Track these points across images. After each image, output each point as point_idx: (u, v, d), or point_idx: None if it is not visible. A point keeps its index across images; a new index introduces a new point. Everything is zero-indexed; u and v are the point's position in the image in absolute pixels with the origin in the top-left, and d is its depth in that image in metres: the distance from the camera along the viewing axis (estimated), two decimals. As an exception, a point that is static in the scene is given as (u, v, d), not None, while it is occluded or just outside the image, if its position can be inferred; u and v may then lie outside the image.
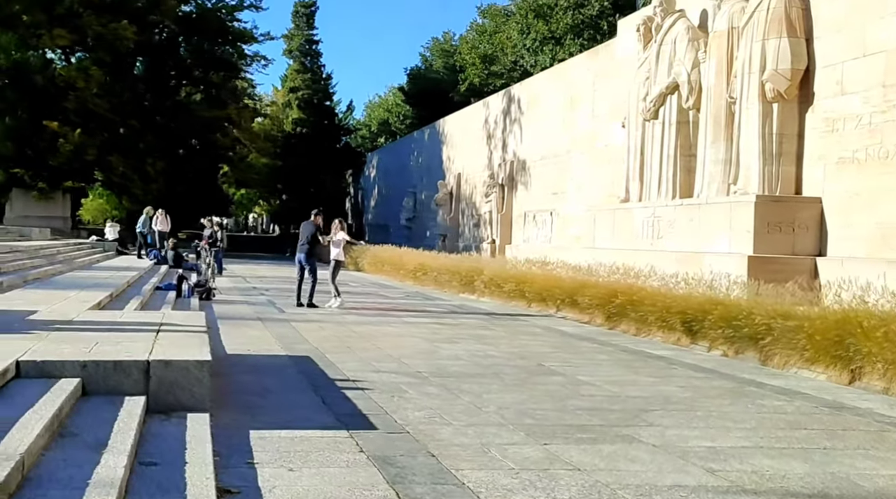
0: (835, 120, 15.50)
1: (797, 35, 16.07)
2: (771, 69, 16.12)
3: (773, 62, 16.15)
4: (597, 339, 11.44)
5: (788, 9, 16.07)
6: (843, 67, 15.39)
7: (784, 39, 16.06)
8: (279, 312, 13.76)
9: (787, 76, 15.99)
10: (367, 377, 7.38)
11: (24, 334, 6.25)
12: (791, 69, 15.95)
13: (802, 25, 16.07)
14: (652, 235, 19.23)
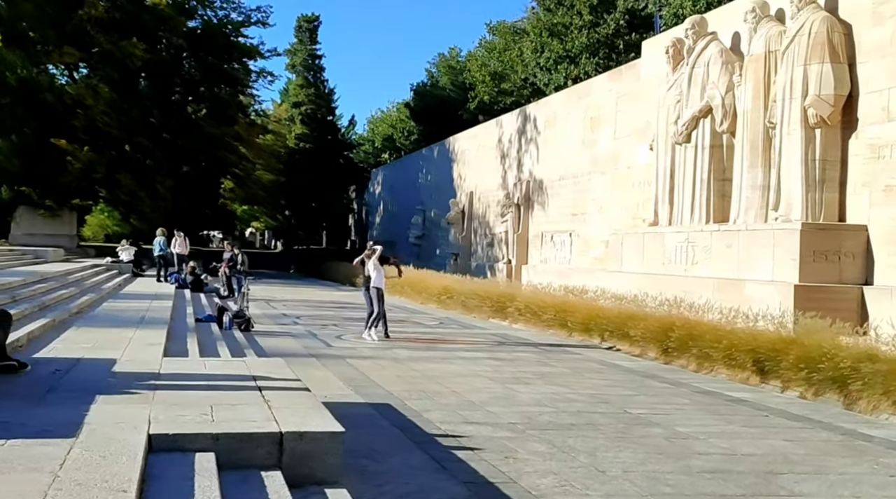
0: (881, 146, 15.30)
1: (840, 60, 15.91)
2: (814, 95, 15.95)
3: (815, 87, 15.98)
4: (662, 377, 11.14)
5: (830, 34, 15.93)
6: (889, 93, 15.23)
7: (827, 65, 15.90)
8: (326, 346, 13.41)
9: (830, 102, 15.82)
10: (464, 431, 7.06)
11: (127, 395, 5.92)
12: (834, 95, 15.79)
13: (845, 50, 15.93)
14: (686, 261, 18.98)
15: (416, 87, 52.35)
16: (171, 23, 41.94)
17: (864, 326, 12.57)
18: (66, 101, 37.38)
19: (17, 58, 36.26)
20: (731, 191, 18.53)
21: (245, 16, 44.28)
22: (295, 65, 60.37)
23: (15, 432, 4.66)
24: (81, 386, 6.26)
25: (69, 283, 15.97)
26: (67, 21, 37.86)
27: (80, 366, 7.17)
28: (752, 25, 17.87)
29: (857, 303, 15.12)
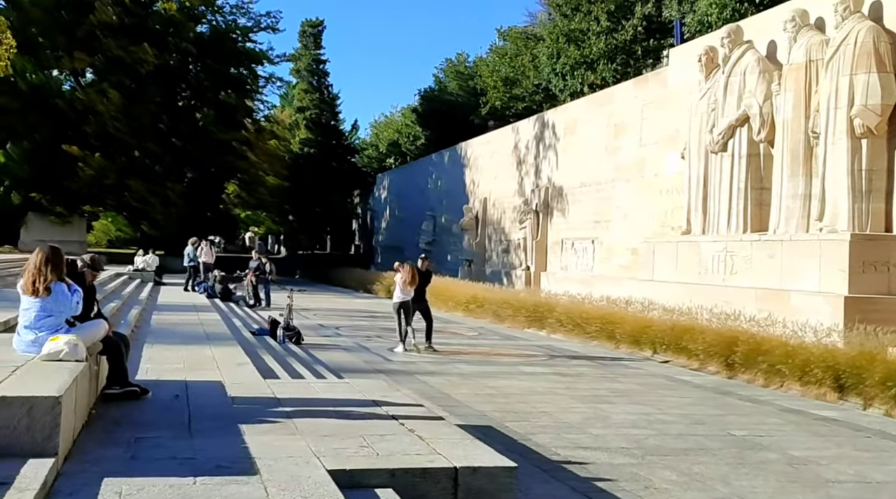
0: (931, 157, 15.29)
1: (886, 70, 15.88)
2: (860, 105, 15.90)
3: (861, 97, 15.94)
4: (736, 393, 11.06)
5: (877, 43, 15.89)
6: (938, 104, 15.21)
7: (873, 74, 15.86)
8: (384, 360, 13.25)
9: (877, 112, 15.79)
10: (583, 457, 6.94)
11: (268, 424, 5.80)
12: (881, 104, 15.76)
13: (891, 60, 15.89)
14: (724, 270, 18.91)
15: (424, 92, 52.20)
16: (180, 28, 41.75)
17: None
18: (77, 107, 37.12)
19: (28, 63, 35.99)
20: (769, 200, 18.48)
21: (255, 21, 44.08)
22: (299, 69, 60.06)
23: (194, 468, 4.53)
24: (214, 413, 6.12)
25: (109, 293, 15.75)
26: (78, 26, 37.64)
27: (193, 390, 7.01)
28: (792, 34, 17.79)
29: (907, 314, 15.03)
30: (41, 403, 4.48)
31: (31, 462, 4.24)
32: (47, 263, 6.16)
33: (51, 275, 6.15)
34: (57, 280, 6.18)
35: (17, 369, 5.35)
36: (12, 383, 4.81)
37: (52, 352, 5.74)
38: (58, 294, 6.14)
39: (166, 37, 42.05)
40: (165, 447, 5.06)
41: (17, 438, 4.42)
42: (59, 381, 4.92)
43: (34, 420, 4.45)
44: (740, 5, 24.28)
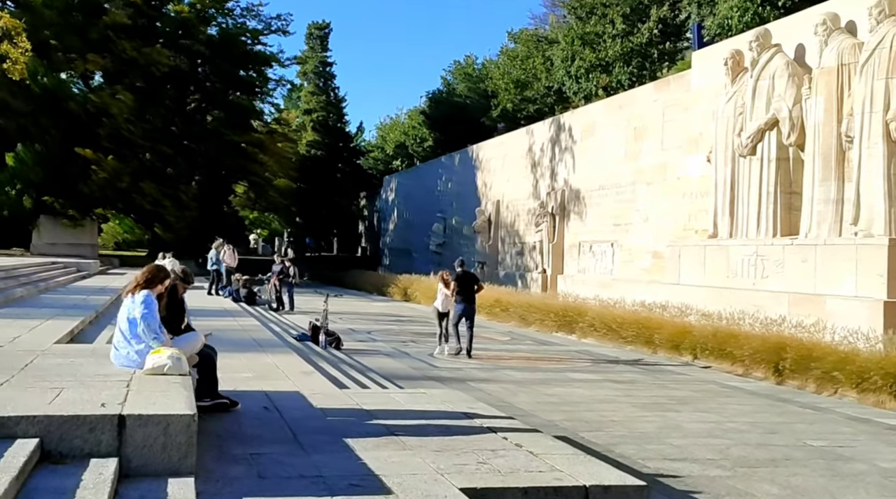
0: (968, 161, 15.24)
1: (923, 74, 15.82)
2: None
3: (898, 102, 15.88)
4: (792, 400, 11.02)
5: (914, 47, 15.83)
6: (976, 108, 15.16)
7: (910, 79, 15.80)
8: (431, 366, 13.17)
9: (914, 116, 15.72)
10: (673, 469, 6.86)
11: (372, 439, 5.73)
12: (918, 109, 15.69)
13: (928, 63, 15.82)
14: (755, 275, 18.84)
15: (433, 94, 52.11)
16: (190, 30, 41.66)
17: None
18: (90, 110, 36.97)
19: (40, 65, 35.83)
20: (799, 204, 18.41)
21: (265, 24, 43.97)
22: (306, 72, 59.99)
23: (328, 487, 4.46)
24: (313, 427, 6.06)
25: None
26: (91, 28, 37.49)
27: (277, 401, 6.94)
28: (823, 38, 17.72)
29: (946, 319, 14.97)
30: (177, 421, 4.41)
31: (172, 482, 4.17)
32: (143, 274, 6.13)
33: (142, 283, 6.10)
34: (144, 290, 6.12)
35: (129, 385, 5.26)
36: (138, 401, 4.73)
37: (157, 366, 5.67)
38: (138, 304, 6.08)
39: (177, 39, 41.99)
40: (286, 464, 4.98)
41: (153, 457, 4.35)
42: (181, 397, 4.85)
43: (170, 439, 4.38)
44: (762, 9, 24.23)
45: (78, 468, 4.05)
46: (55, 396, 4.77)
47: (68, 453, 4.22)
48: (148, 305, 6.04)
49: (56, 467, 4.08)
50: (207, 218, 42.11)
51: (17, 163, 37.13)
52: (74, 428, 4.26)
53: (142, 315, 5.96)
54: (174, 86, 42.25)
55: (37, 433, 4.19)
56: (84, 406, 4.50)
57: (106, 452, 4.26)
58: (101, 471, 4.01)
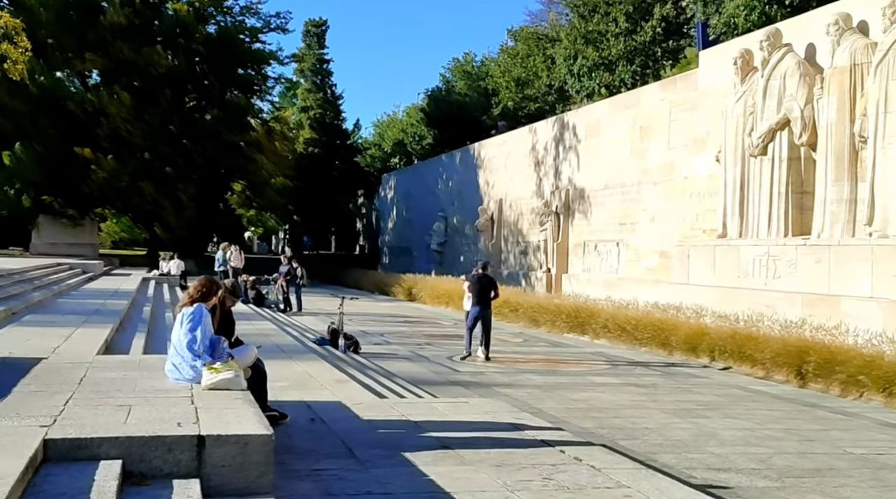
0: (984, 161, 15.26)
1: (937, 73, 15.83)
2: (910, 109, 15.86)
3: (912, 102, 15.89)
4: (819, 404, 11.02)
5: (928, 47, 15.85)
6: None
7: (924, 79, 15.82)
8: (450, 369, 13.14)
9: (928, 116, 15.74)
10: (722, 480, 6.83)
11: (430, 452, 5.67)
12: (932, 109, 15.71)
13: (942, 64, 15.84)
14: (766, 275, 18.85)
15: (432, 92, 52.01)
16: (189, 29, 41.47)
17: None
18: (89, 110, 36.78)
19: (38, 65, 35.60)
20: (811, 204, 18.41)
21: (264, 22, 43.80)
22: (303, 69, 59.79)
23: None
24: (366, 440, 6.01)
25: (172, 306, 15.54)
26: (88, 28, 37.28)
27: (321, 412, 6.89)
28: (835, 38, 17.69)
29: (962, 319, 15.01)
30: (255, 440, 4.36)
31: (254, 503, 4.11)
32: (196, 289, 6.08)
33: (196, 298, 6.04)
34: (198, 303, 6.06)
35: (193, 402, 5.20)
36: (211, 420, 4.66)
37: (217, 381, 5.60)
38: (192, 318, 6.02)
39: (175, 38, 41.80)
40: (350, 481, 4.94)
41: (230, 476, 4.30)
42: (249, 413, 4.79)
43: (247, 458, 4.33)
44: (769, 7, 24.21)
45: (163, 489, 4.00)
46: (126, 414, 4.71)
47: (148, 474, 4.17)
48: (202, 318, 5.98)
49: (140, 489, 4.03)
50: (206, 217, 41.99)
51: (15, 162, 36.92)
52: (154, 449, 4.21)
53: (195, 329, 5.91)
54: (172, 85, 42.01)
55: (118, 454, 4.13)
56: (160, 426, 4.44)
57: (185, 472, 4.21)
58: (188, 492, 3.95)
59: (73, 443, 4.11)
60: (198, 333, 5.89)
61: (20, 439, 4.02)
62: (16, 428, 4.25)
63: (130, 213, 42.87)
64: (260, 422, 4.59)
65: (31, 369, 6.13)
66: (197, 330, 5.90)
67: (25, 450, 3.83)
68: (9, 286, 13.35)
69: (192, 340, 5.88)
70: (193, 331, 5.91)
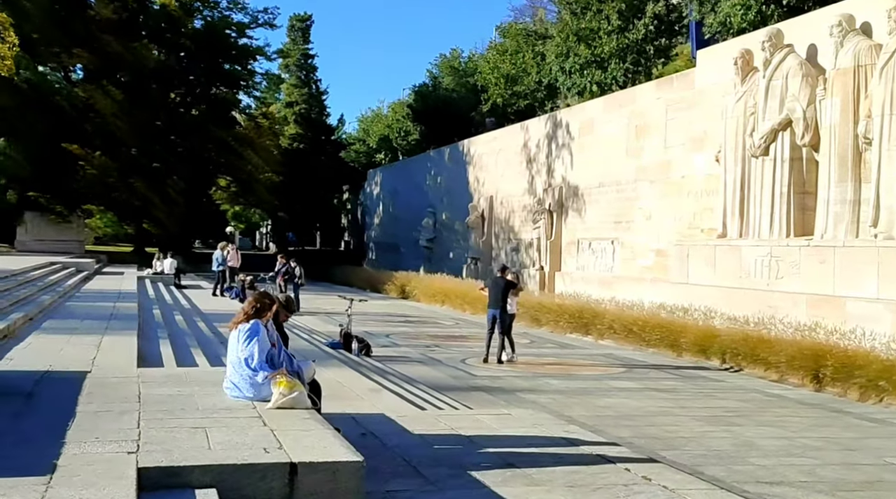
0: None
1: (943, 76, 15.91)
2: (916, 111, 15.93)
3: (918, 104, 15.97)
4: (844, 410, 11.09)
5: (933, 50, 15.92)
6: None
7: (930, 81, 15.90)
8: (467, 374, 13.07)
9: (934, 118, 15.83)
10: (778, 494, 6.79)
11: (493, 471, 5.56)
12: (938, 111, 15.79)
13: (948, 66, 15.92)
14: (769, 275, 18.91)
15: (418, 87, 51.81)
16: (176, 23, 41.05)
17: None
18: (78, 105, 36.31)
19: (25, 59, 35.05)
20: (813, 204, 18.48)
21: (252, 17, 43.44)
22: (288, 65, 59.37)
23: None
24: (428, 457, 5.94)
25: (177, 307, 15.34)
26: (76, 22, 36.76)
27: (369, 425, 6.79)
28: (839, 39, 17.71)
29: (969, 320, 15.14)
30: (345, 468, 4.28)
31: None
32: (251, 304, 5.97)
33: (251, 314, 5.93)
34: (254, 319, 5.95)
35: (266, 423, 5.09)
36: (297, 446, 4.55)
37: (284, 401, 5.49)
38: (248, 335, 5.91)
39: (162, 33, 41.37)
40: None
41: (321, 504, 4.19)
42: (328, 436, 4.69)
43: (338, 485, 4.24)
44: (766, 7, 24.29)
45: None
46: (205, 438, 4.60)
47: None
48: (257, 334, 5.88)
49: (236, 519, 3.92)
50: (194, 213, 41.63)
51: (1, 158, 36.37)
52: (246, 476, 4.10)
53: (251, 345, 5.80)
54: (159, 80, 41.60)
55: (211, 482, 4.02)
56: (247, 452, 4.33)
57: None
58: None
59: (166, 471, 4.00)
60: (255, 351, 5.78)
61: (114, 467, 3.90)
62: (103, 455, 4.13)
63: (119, 209, 42.38)
64: (347, 448, 4.49)
65: (81, 385, 5.99)
66: (254, 347, 5.79)
67: (125, 481, 3.71)
68: (14, 289, 13.11)
69: (249, 357, 5.77)
70: (250, 347, 5.80)
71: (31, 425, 4.83)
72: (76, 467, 3.90)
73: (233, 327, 6.13)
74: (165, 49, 42.36)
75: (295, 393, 5.55)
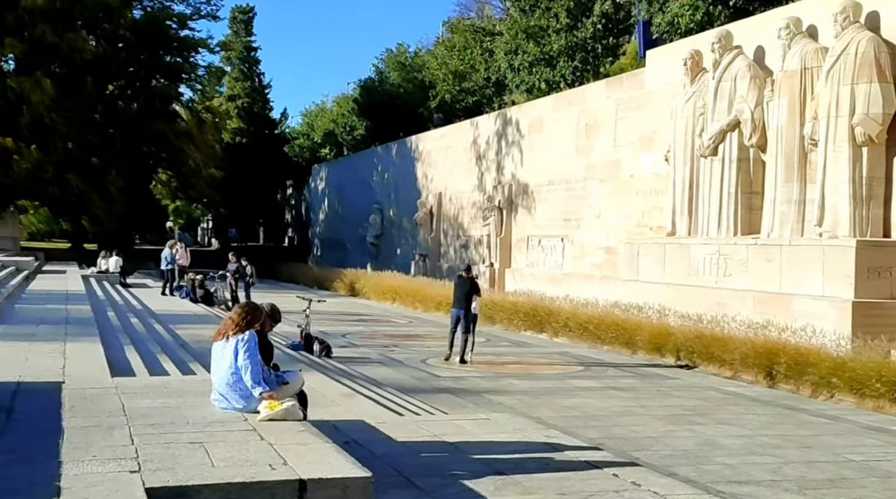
0: (931, 165, 15.93)
1: (887, 80, 16.31)
2: (861, 113, 16.36)
3: (863, 106, 16.39)
4: (800, 407, 11.38)
5: (878, 53, 16.33)
6: (939, 114, 15.85)
7: (875, 84, 16.31)
8: (429, 374, 13.04)
9: (878, 121, 16.27)
10: (749, 493, 6.93)
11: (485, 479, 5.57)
12: (882, 114, 16.23)
13: (890, 70, 16.41)
14: (717, 273, 19.29)
15: (364, 82, 51.46)
16: (114, 13, 40.01)
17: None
18: (10, 97, 35.09)
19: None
20: (759, 204, 18.93)
21: (194, 8, 42.58)
22: (230, 57, 58.35)
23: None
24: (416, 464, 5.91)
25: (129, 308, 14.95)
26: (8, 11, 35.52)
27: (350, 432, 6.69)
28: (786, 42, 18.10)
29: (910, 317, 15.67)
30: (355, 483, 4.22)
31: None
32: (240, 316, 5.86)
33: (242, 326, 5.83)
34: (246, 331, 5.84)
35: (262, 437, 4.99)
36: (299, 461, 4.47)
37: (274, 412, 5.39)
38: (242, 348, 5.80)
39: (100, 22, 40.27)
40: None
41: (331, 520, 4.13)
42: (329, 451, 4.63)
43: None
44: (714, 8, 24.77)
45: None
46: (205, 454, 4.48)
47: (250, 521, 3.98)
48: (255, 345, 5.80)
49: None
50: (134, 209, 40.68)
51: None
52: (255, 494, 4.01)
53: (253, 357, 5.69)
54: (96, 72, 40.49)
55: (220, 502, 3.92)
56: (252, 468, 4.23)
57: (285, 518, 4.04)
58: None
59: (174, 491, 3.88)
60: (253, 363, 5.68)
61: (121, 487, 3.78)
62: (106, 475, 3.99)
63: (54, 205, 41.12)
64: (353, 463, 4.43)
65: (59, 397, 5.79)
66: (253, 360, 5.69)
67: (135, 504, 3.60)
68: (-41, 292, 12.61)
69: (255, 372, 5.65)
70: (248, 360, 5.70)
71: (20, 443, 4.64)
72: (80, 488, 3.76)
73: (218, 338, 5.98)
74: (103, 40, 41.22)
75: (287, 405, 5.46)
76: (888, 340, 13.26)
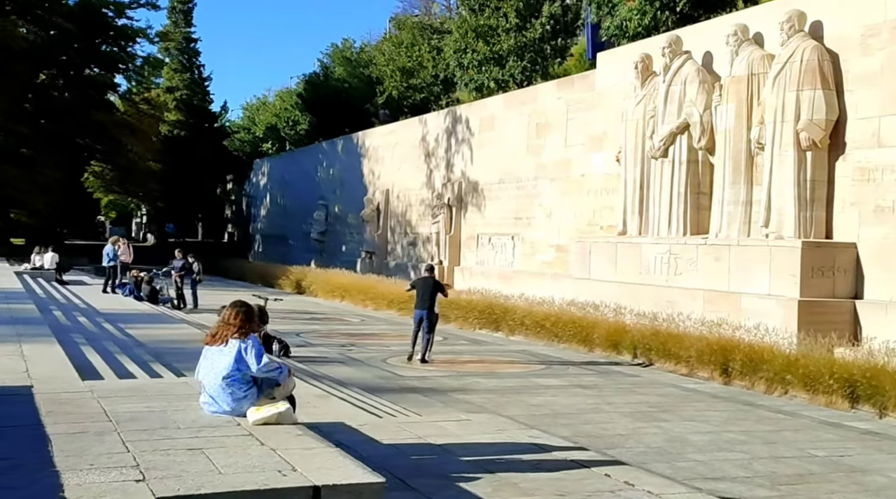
0: (871, 170, 16.42)
1: (829, 87, 16.86)
2: (806, 119, 16.87)
3: (808, 112, 16.89)
4: (756, 402, 11.68)
5: (821, 61, 16.86)
6: (879, 121, 16.36)
7: (818, 91, 16.83)
8: (393, 374, 12.97)
9: (821, 126, 16.79)
10: (724, 490, 7.05)
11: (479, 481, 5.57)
12: (825, 120, 16.76)
13: (833, 78, 16.96)
14: (668, 272, 19.65)
15: (309, 76, 50.88)
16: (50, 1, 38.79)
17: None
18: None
19: None
20: (708, 204, 19.39)
21: (133, -3, 41.51)
22: (169, 48, 57.10)
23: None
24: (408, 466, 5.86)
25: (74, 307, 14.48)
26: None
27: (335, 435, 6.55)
28: (734, 48, 18.57)
29: (850, 316, 16.22)
30: (369, 489, 4.15)
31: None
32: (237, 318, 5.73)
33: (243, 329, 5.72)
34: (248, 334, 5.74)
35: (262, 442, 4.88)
36: (307, 466, 4.38)
37: (268, 416, 5.29)
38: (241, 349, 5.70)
39: (32, 8, 38.97)
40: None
41: (344, 527, 4.07)
42: (335, 455, 4.56)
43: (360, 507, 4.10)
44: (661, 13, 25.18)
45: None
46: (207, 460, 4.36)
47: (264, 530, 3.89)
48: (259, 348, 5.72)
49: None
50: (68, 203, 39.51)
51: None
52: (270, 502, 3.92)
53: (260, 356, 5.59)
54: (28, 59, 39.15)
55: (234, 510, 3.82)
56: (261, 475, 4.13)
57: (299, 525, 3.95)
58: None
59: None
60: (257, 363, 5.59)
61: (130, 497, 3.64)
62: (111, 484, 3.84)
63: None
64: (364, 468, 4.36)
65: (33, 403, 5.57)
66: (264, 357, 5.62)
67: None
68: None
69: (237, 372, 5.53)
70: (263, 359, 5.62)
71: (9, 450, 4.45)
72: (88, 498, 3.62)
73: (215, 342, 5.82)
74: (35, 27, 39.88)
75: (282, 408, 5.36)
76: (837, 338, 13.76)
